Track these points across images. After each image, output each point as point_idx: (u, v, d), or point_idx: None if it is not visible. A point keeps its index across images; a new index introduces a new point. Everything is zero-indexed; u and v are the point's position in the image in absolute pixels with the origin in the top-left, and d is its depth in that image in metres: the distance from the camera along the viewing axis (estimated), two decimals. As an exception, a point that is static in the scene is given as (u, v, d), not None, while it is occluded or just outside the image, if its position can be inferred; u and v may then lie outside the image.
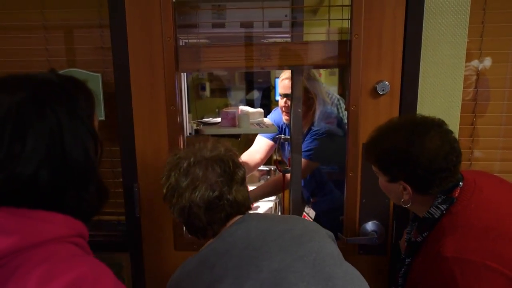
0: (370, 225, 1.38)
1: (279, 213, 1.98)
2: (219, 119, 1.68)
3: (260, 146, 2.10)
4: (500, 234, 0.78)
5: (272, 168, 2.40)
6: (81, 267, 0.59)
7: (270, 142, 2.07)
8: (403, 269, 1.02)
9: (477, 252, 0.80)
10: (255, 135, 2.14)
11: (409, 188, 0.95)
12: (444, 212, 0.93)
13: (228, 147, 1.01)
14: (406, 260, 1.01)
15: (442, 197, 0.95)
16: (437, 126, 0.96)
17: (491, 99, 1.40)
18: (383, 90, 1.28)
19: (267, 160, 2.60)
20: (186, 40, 1.51)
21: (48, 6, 1.45)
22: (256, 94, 4.76)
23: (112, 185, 1.56)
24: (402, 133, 0.96)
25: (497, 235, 0.72)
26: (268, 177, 2.48)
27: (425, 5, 1.24)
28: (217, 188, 0.92)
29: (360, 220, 1.40)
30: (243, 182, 0.98)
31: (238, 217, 0.97)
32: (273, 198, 1.96)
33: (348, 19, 1.29)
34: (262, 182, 2.37)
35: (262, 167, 2.52)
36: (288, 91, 1.72)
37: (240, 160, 1.03)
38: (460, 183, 0.97)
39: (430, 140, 0.92)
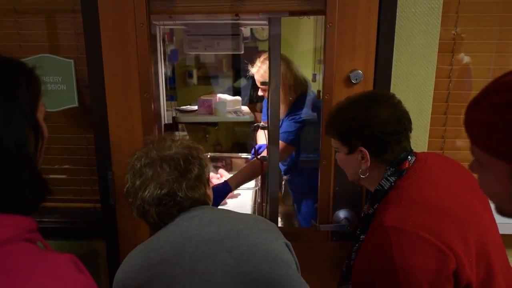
0: (342, 213, 1.40)
1: (259, 200, 1.99)
2: (195, 107, 1.67)
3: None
4: (438, 211, 0.84)
5: (248, 156, 2.41)
6: (37, 266, 0.58)
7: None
8: (357, 245, 1.07)
9: (414, 224, 0.85)
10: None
11: (367, 154, 1.01)
12: (393, 184, 1.00)
13: (187, 145, 1.03)
14: (361, 237, 1.06)
15: (392, 169, 1.02)
16: (390, 98, 1.07)
17: (455, 89, 1.41)
18: (356, 79, 1.29)
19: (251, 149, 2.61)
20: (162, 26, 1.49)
21: (19, -10, 1.42)
22: (243, 82, 4.74)
23: (87, 172, 1.55)
24: (359, 104, 1.05)
25: (435, 212, 0.77)
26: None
27: (398, -6, 1.24)
28: (166, 186, 0.94)
29: (333, 208, 1.42)
30: (198, 178, 0.99)
31: (188, 212, 0.97)
32: (252, 185, 1.98)
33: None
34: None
35: (246, 155, 2.53)
36: (261, 81, 1.76)
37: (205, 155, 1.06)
38: (409, 157, 1.03)
39: (385, 108, 1.02)
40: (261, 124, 1.76)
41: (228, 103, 1.63)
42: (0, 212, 0.61)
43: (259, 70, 1.85)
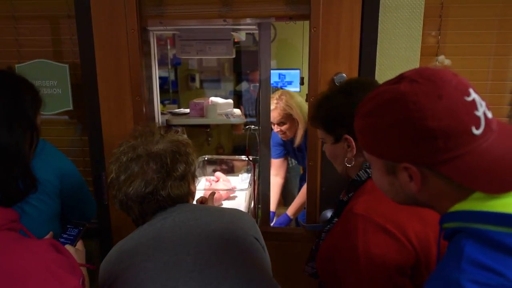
0: (329, 213, 1.43)
1: (252, 202, 2.02)
2: (188, 110, 1.71)
3: (277, 167, 2.33)
4: (408, 208, 0.87)
5: (243, 158, 2.44)
6: (17, 250, 0.65)
7: (282, 159, 2.33)
8: (328, 226, 1.10)
9: (383, 216, 0.87)
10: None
11: (352, 142, 1.00)
12: (370, 176, 1.00)
13: (175, 139, 1.02)
14: (334, 219, 1.08)
15: None
16: (372, 84, 1.04)
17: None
18: (340, 82, 1.32)
19: (252, 152, 2.64)
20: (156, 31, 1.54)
21: (17, -2, 1.48)
22: (245, 85, 4.79)
23: (83, 173, 1.60)
24: (341, 92, 1.04)
25: (405, 208, 0.79)
26: (249, 167, 2.52)
27: (380, -1, 1.28)
28: (151, 184, 0.94)
29: (320, 208, 1.45)
30: (183, 178, 0.99)
31: (164, 211, 0.98)
32: (246, 186, 2.01)
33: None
34: (243, 173, 2.40)
35: (243, 157, 2.56)
36: (277, 120, 2.02)
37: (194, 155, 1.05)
38: None
39: (366, 94, 1.01)
40: (252, 126, 1.80)
41: (220, 106, 1.67)
42: None
43: (276, 108, 2.00)
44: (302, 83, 1.54)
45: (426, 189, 0.64)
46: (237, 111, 1.83)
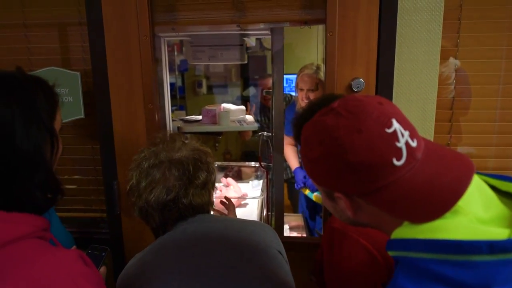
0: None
1: (265, 210, 1.99)
2: (199, 117, 1.69)
3: (289, 155, 2.27)
4: None
5: (253, 164, 2.41)
6: (49, 260, 0.64)
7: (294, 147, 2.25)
8: None
9: (357, 231, 0.90)
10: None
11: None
12: None
13: (196, 147, 1.00)
14: None
15: None
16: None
17: (457, 96, 1.39)
18: (358, 87, 1.29)
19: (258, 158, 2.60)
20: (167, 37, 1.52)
21: (28, 5, 1.46)
22: (252, 91, 4.77)
23: (94, 182, 1.58)
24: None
25: None
26: (259, 173, 2.49)
27: (399, 2, 1.24)
28: (173, 191, 0.92)
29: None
30: (204, 186, 0.97)
31: (185, 221, 0.95)
32: (258, 193, 1.98)
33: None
34: (254, 179, 2.37)
35: (253, 163, 2.53)
36: (309, 86, 1.96)
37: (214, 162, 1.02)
38: None
39: None
40: (265, 133, 1.77)
41: (232, 113, 1.64)
42: (16, 211, 0.67)
43: (313, 73, 1.98)
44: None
45: (363, 215, 0.66)
46: (249, 117, 1.80)
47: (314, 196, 2.02)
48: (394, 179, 0.59)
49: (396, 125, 0.59)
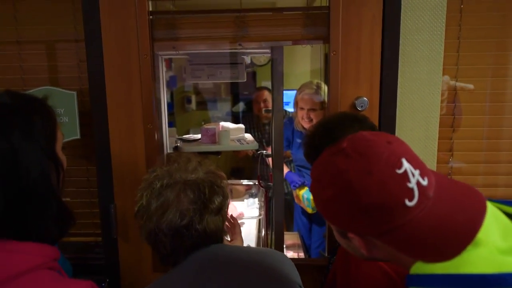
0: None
1: (263, 230, 1.95)
2: (199, 136, 1.65)
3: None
4: None
5: (250, 182, 2.38)
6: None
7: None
8: (334, 257, 1.14)
9: None
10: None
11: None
12: None
13: (210, 170, 0.93)
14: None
15: None
16: (357, 121, 1.00)
17: (463, 114, 1.40)
18: (362, 106, 1.28)
19: (252, 175, 2.57)
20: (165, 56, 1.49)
21: (22, 22, 1.42)
22: (242, 107, 4.76)
23: (88, 205, 1.51)
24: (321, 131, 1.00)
25: None
26: (253, 191, 2.46)
27: (401, 21, 1.25)
28: (187, 216, 0.85)
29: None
30: (218, 212, 0.90)
31: (198, 251, 0.88)
32: (256, 214, 1.94)
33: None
34: (248, 197, 2.33)
35: (247, 182, 2.50)
36: (310, 105, 1.93)
37: (226, 184, 0.96)
38: None
39: (350, 133, 0.98)
40: (264, 151, 1.74)
41: (232, 132, 1.61)
42: (28, 240, 0.66)
43: (315, 93, 1.93)
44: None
45: (378, 252, 0.65)
46: (248, 136, 1.77)
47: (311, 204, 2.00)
48: (407, 220, 0.58)
49: (406, 165, 0.59)
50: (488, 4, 1.34)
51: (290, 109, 3.87)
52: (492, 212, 0.63)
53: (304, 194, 2.03)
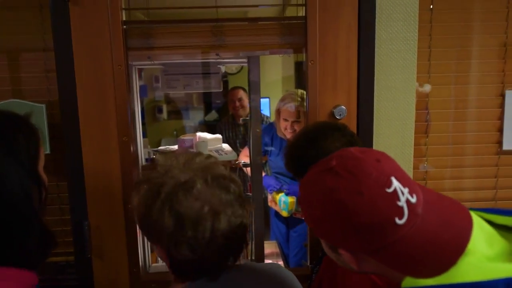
0: (334, 250, 1.36)
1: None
2: (175, 147, 1.61)
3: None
4: None
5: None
6: None
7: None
8: (317, 267, 1.14)
9: None
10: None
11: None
12: None
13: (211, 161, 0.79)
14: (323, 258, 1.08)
15: None
16: (337, 130, 1.03)
17: (432, 120, 1.45)
18: (340, 115, 1.29)
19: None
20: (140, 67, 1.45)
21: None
22: (214, 115, 4.72)
23: (59, 223, 1.43)
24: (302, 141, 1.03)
25: None
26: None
27: (376, 31, 1.28)
28: (239, 213, 0.74)
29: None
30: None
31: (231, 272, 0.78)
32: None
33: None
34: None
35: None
36: (294, 117, 1.89)
37: None
38: None
39: (332, 142, 1.00)
40: (242, 161, 1.72)
41: (209, 142, 1.59)
42: (9, 266, 0.63)
43: (299, 105, 1.90)
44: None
45: (368, 266, 0.66)
46: (226, 146, 1.75)
47: (289, 204, 2.00)
48: (398, 238, 0.59)
49: (395, 183, 0.60)
50: (456, 14, 1.40)
51: (265, 113, 3.90)
52: (476, 221, 0.64)
53: (282, 197, 2.03)
